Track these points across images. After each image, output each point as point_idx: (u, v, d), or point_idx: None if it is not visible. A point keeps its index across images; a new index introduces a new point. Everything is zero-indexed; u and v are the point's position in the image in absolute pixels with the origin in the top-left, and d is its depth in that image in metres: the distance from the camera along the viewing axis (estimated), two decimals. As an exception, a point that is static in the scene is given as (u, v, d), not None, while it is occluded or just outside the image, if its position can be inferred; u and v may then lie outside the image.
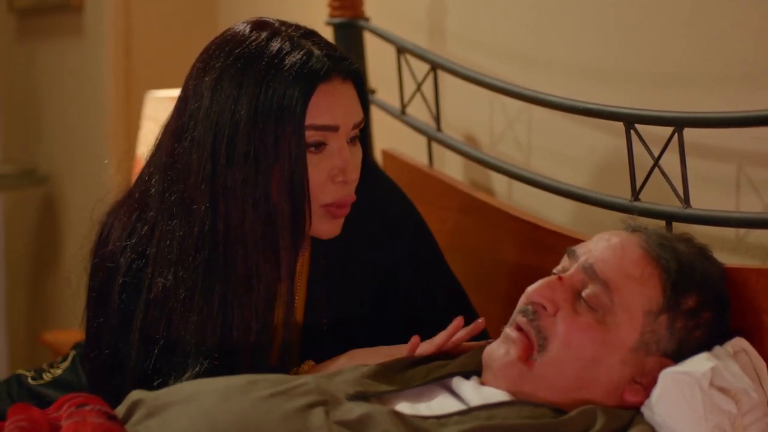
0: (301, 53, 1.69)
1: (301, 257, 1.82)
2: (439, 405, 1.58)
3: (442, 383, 1.64)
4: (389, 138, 2.62)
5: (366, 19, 2.57)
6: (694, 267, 1.61)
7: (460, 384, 1.62)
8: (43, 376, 2.21)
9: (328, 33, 2.35)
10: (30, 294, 4.30)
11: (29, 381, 2.20)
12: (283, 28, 1.73)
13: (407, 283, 1.90)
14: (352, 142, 1.75)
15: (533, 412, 1.53)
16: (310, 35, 1.74)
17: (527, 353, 1.59)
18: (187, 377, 1.68)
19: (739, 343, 1.61)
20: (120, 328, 1.76)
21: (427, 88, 2.42)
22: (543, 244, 2.00)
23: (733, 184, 1.84)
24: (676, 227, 1.76)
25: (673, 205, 1.78)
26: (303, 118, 1.68)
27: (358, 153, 1.77)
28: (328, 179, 1.72)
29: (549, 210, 2.21)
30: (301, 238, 1.72)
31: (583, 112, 1.93)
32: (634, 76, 2.05)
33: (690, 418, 1.51)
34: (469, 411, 1.52)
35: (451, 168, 2.52)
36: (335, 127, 1.71)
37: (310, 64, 1.69)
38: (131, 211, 1.79)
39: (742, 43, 1.83)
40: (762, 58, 1.80)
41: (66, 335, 3.38)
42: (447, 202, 2.33)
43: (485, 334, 1.77)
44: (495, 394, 1.58)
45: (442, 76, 2.40)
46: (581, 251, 1.63)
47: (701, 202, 1.77)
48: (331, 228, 1.76)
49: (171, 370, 1.71)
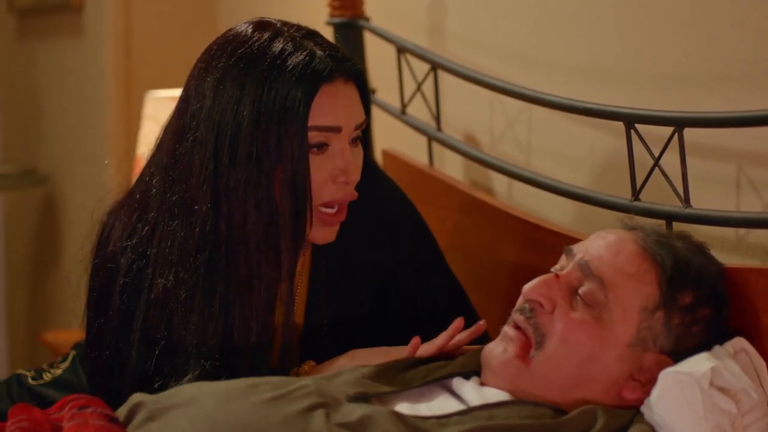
0: (304, 54, 1.69)
1: (302, 258, 1.82)
2: (440, 405, 1.58)
3: (443, 384, 1.64)
4: (389, 138, 2.61)
5: (366, 19, 2.57)
6: (690, 263, 1.61)
7: (461, 384, 1.62)
8: (43, 376, 2.21)
9: (328, 33, 2.35)
10: (30, 294, 4.29)
11: (29, 381, 2.20)
12: (285, 29, 1.73)
13: (407, 283, 1.90)
14: (353, 142, 1.75)
15: (533, 412, 1.53)
16: (313, 36, 1.74)
17: (525, 351, 1.59)
18: (188, 379, 1.68)
19: (739, 342, 1.61)
20: (120, 328, 1.76)
21: (428, 87, 2.42)
22: (543, 244, 2.00)
23: (733, 184, 1.84)
24: (677, 227, 1.76)
25: (673, 204, 1.78)
26: (306, 119, 1.68)
27: (360, 154, 1.77)
28: (329, 179, 1.72)
29: (549, 210, 2.21)
30: (302, 238, 1.72)
31: (583, 112, 1.93)
32: (634, 76, 2.05)
33: (690, 418, 1.51)
34: (470, 411, 1.53)
35: (452, 168, 2.52)
36: (338, 128, 1.71)
37: (313, 65, 1.69)
38: (132, 211, 1.78)
39: (742, 43, 1.83)
40: (762, 58, 1.80)
41: (66, 335, 3.37)
42: (447, 202, 2.33)
43: (486, 337, 1.77)
44: (495, 395, 1.58)
45: (443, 76, 2.40)
46: (578, 249, 1.63)
47: (701, 201, 1.77)
48: (325, 234, 1.76)
49: (172, 371, 1.71)
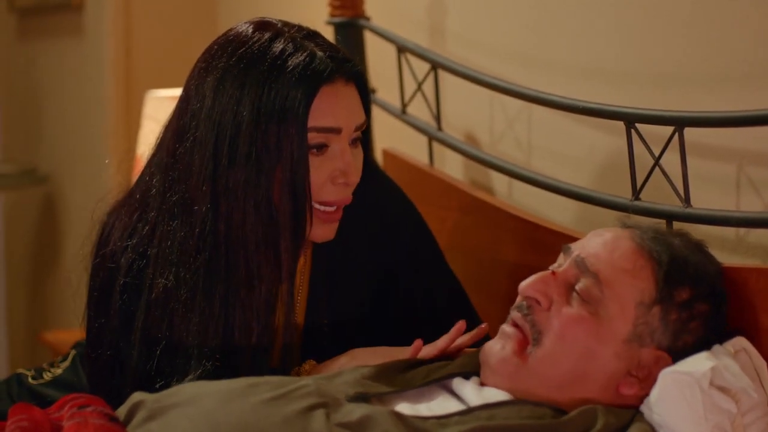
0: (304, 55, 1.69)
1: (302, 257, 1.82)
2: (440, 405, 1.58)
3: (443, 384, 1.64)
4: (390, 137, 2.61)
5: (366, 19, 2.57)
6: (687, 259, 1.61)
7: (461, 385, 1.62)
8: (44, 376, 2.21)
9: (328, 32, 2.35)
10: (30, 294, 4.29)
11: (29, 380, 2.20)
12: (285, 29, 1.73)
13: (407, 283, 1.90)
14: (353, 144, 1.75)
15: (534, 411, 1.53)
16: (313, 36, 1.74)
17: (522, 347, 1.60)
18: (189, 379, 1.68)
19: (739, 342, 1.61)
20: (121, 328, 1.76)
21: (428, 87, 2.42)
22: (543, 244, 2.00)
23: (734, 184, 1.84)
24: (677, 226, 1.76)
25: (673, 204, 1.78)
26: (306, 120, 1.68)
27: (360, 155, 1.76)
28: (329, 180, 1.72)
29: (549, 209, 2.21)
30: (301, 239, 1.72)
31: (583, 112, 1.93)
32: (635, 75, 2.05)
33: (690, 418, 1.51)
34: (470, 411, 1.53)
35: (452, 167, 2.52)
36: (338, 129, 1.71)
37: (313, 65, 1.68)
38: (132, 211, 1.78)
39: (742, 43, 1.83)
40: (762, 58, 1.80)
41: (66, 335, 3.37)
42: (447, 202, 2.33)
43: (488, 340, 1.77)
44: (495, 395, 1.58)
45: (443, 76, 2.40)
46: (575, 247, 1.64)
47: (702, 201, 1.77)
48: (324, 232, 1.76)
49: (173, 371, 1.70)
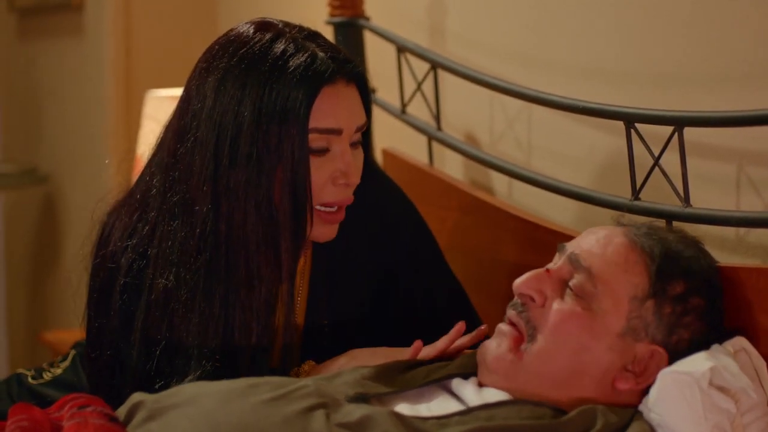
0: (306, 55, 1.69)
1: (302, 258, 1.82)
2: (439, 406, 1.58)
3: (442, 384, 1.64)
4: (389, 137, 2.62)
5: (366, 19, 2.57)
6: (680, 254, 1.62)
7: (460, 385, 1.62)
8: (43, 376, 2.21)
9: (328, 32, 2.35)
10: (30, 294, 4.29)
11: (29, 380, 2.20)
12: (287, 30, 1.72)
13: (407, 284, 1.90)
14: (354, 144, 1.75)
15: (533, 411, 1.53)
16: (314, 37, 1.74)
17: (517, 344, 1.60)
18: (189, 379, 1.68)
19: (739, 342, 1.61)
20: (121, 328, 1.76)
21: (428, 87, 2.42)
22: (543, 244, 2.00)
23: (734, 184, 1.84)
24: (677, 226, 1.76)
25: (673, 204, 1.78)
26: (307, 121, 1.67)
27: (360, 156, 1.76)
28: (329, 181, 1.72)
29: (549, 209, 2.21)
30: (302, 239, 1.72)
31: (583, 112, 1.93)
32: (634, 76, 2.05)
33: (689, 418, 1.51)
34: (470, 411, 1.53)
35: (452, 167, 2.52)
36: (338, 130, 1.71)
37: (315, 66, 1.68)
38: (132, 211, 1.78)
39: (742, 43, 1.83)
40: (762, 58, 1.80)
41: (66, 335, 3.37)
42: (447, 202, 2.33)
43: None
44: (495, 395, 1.58)
45: (443, 76, 2.40)
46: (570, 245, 1.65)
47: (701, 201, 1.78)
48: (326, 232, 1.76)
49: (173, 371, 1.70)
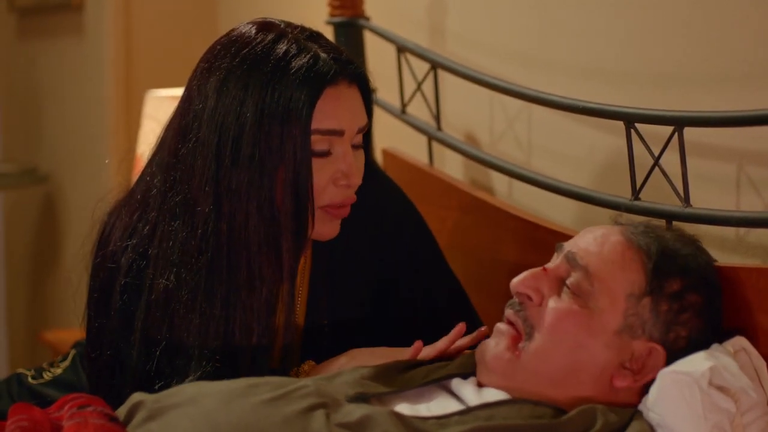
0: (308, 56, 1.69)
1: (302, 258, 1.82)
2: (439, 406, 1.58)
3: (442, 384, 1.64)
4: (389, 137, 2.62)
5: (366, 19, 2.57)
6: (677, 251, 1.62)
7: (460, 385, 1.62)
8: (44, 376, 2.21)
9: (328, 32, 2.35)
10: (30, 293, 4.29)
11: (29, 380, 2.20)
12: (289, 30, 1.72)
13: (407, 284, 1.90)
14: (355, 146, 1.75)
15: (533, 411, 1.53)
16: (317, 38, 1.73)
17: (515, 343, 1.61)
18: (190, 380, 1.67)
19: (739, 342, 1.61)
20: (121, 328, 1.75)
21: (428, 87, 2.42)
22: (543, 244, 2.00)
23: (734, 184, 1.84)
24: (677, 226, 1.76)
25: (673, 204, 1.79)
26: (309, 122, 1.67)
27: (361, 157, 1.76)
28: (330, 182, 1.72)
29: (549, 209, 2.21)
30: (303, 240, 1.72)
31: (583, 112, 1.93)
32: (634, 76, 2.05)
33: (689, 418, 1.51)
34: (469, 411, 1.53)
35: (452, 167, 2.52)
36: (340, 132, 1.71)
37: (317, 67, 1.68)
38: (133, 210, 1.78)
39: (742, 43, 1.84)
40: (762, 58, 1.80)
41: (66, 334, 3.37)
42: (447, 202, 2.33)
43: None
44: (494, 395, 1.58)
45: (443, 76, 2.40)
46: (568, 245, 1.66)
47: (701, 201, 1.78)
48: (329, 230, 1.76)
49: (173, 371, 1.70)
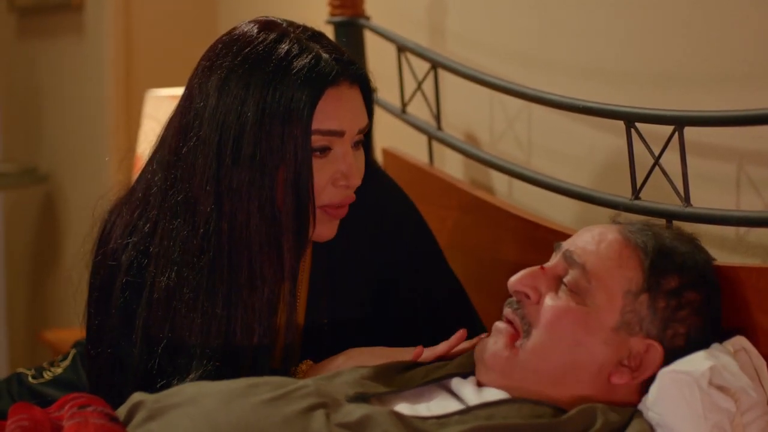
0: (310, 56, 1.69)
1: (303, 258, 1.82)
2: (439, 405, 1.58)
3: (442, 384, 1.64)
4: (389, 137, 2.62)
5: (366, 18, 2.57)
6: (675, 249, 1.62)
7: (460, 384, 1.62)
8: (44, 375, 2.21)
9: (328, 32, 2.35)
10: (30, 293, 4.29)
11: (29, 380, 2.20)
12: (291, 30, 1.72)
13: (407, 284, 1.90)
14: (355, 146, 1.75)
15: (533, 410, 1.53)
16: (319, 38, 1.73)
17: (513, 341, 1.61)
18: (191, 379, 1.68)
19: (739, 341, 1.61)
20: (122, 327, 1.75)
21: (428, 86, 2.42)
22: (543, 243, 2.00)
23: (734, 183, 1.84)
24: (677, 226, 1.76)
25: (673, 203, 1.79)
26: (310, 122, 1.67)
27: (362, 157, 1.76)
28: (329, 182, 1.72)
29: (549, 209, 2.21)
30: (304, 239, 1.72)
31: (583, 111, 1.93)
32: (635, 75, 2.06)
33: (689, 417, 1.51)
34: (469, 410, 1.53)
35: (452, 167, 2.52)
36: (341, 132, 1.71)
37: (319, 68, 1.68)
38: (133, 208, 1.78)
39: (742, 43, 1.84)
40: (762, 58, 1.80)
41: (66, 334, 3.37)
42: (447, 201, 2.33)
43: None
44: (494, 394, 1.58)
45: (443, 75, 2.40)
46: (566, 244, 1.66)
47: (702, 200, 1.78)
48: (327, 230, 1.76)
49: (174, 371, 1.70)
